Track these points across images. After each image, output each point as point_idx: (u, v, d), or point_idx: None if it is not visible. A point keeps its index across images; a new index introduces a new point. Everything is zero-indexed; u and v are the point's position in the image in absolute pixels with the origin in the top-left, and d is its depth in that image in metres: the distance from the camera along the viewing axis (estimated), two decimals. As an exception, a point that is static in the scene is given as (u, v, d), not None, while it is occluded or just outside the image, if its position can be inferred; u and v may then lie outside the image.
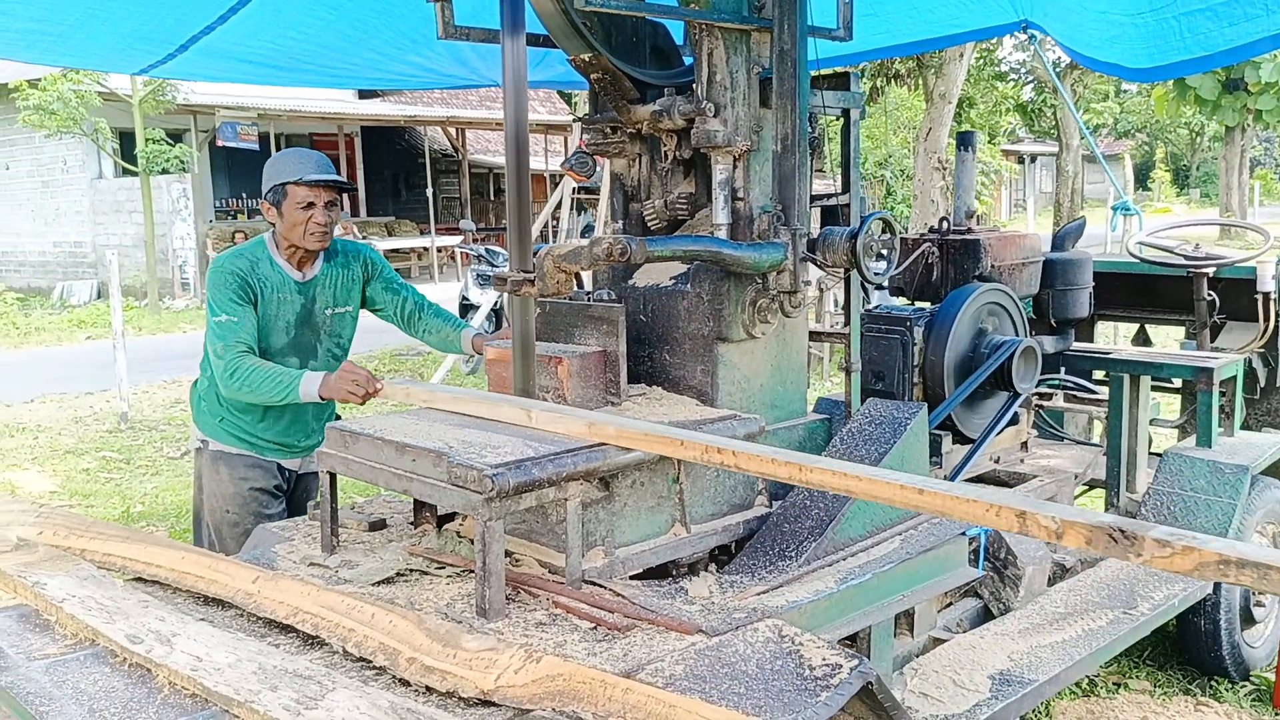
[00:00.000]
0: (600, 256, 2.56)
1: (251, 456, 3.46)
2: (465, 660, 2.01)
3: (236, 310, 3.25)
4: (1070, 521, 1.62)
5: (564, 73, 5.08)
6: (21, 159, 20.44)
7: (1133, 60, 4.74)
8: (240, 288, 3.28)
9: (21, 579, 2.49)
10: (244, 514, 3.45)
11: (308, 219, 3.29)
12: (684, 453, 2.32)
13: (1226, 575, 1.50)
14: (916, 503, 1.90)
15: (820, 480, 2.06)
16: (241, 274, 3.29)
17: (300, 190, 3.29)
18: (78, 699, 2.01)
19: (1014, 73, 30.28)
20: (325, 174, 3.33)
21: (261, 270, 3.34)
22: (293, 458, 3.55)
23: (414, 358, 11.76)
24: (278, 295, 3.35)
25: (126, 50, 4.88)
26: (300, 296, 3.40)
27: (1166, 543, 1.53)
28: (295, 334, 3.41)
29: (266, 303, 3.33)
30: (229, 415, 3.44)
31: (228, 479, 3.46)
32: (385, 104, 21.72)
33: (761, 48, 2.97)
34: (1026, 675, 3.08)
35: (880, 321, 3.72)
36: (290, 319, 3.39)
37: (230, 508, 3.46)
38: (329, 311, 3.47)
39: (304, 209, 3.29)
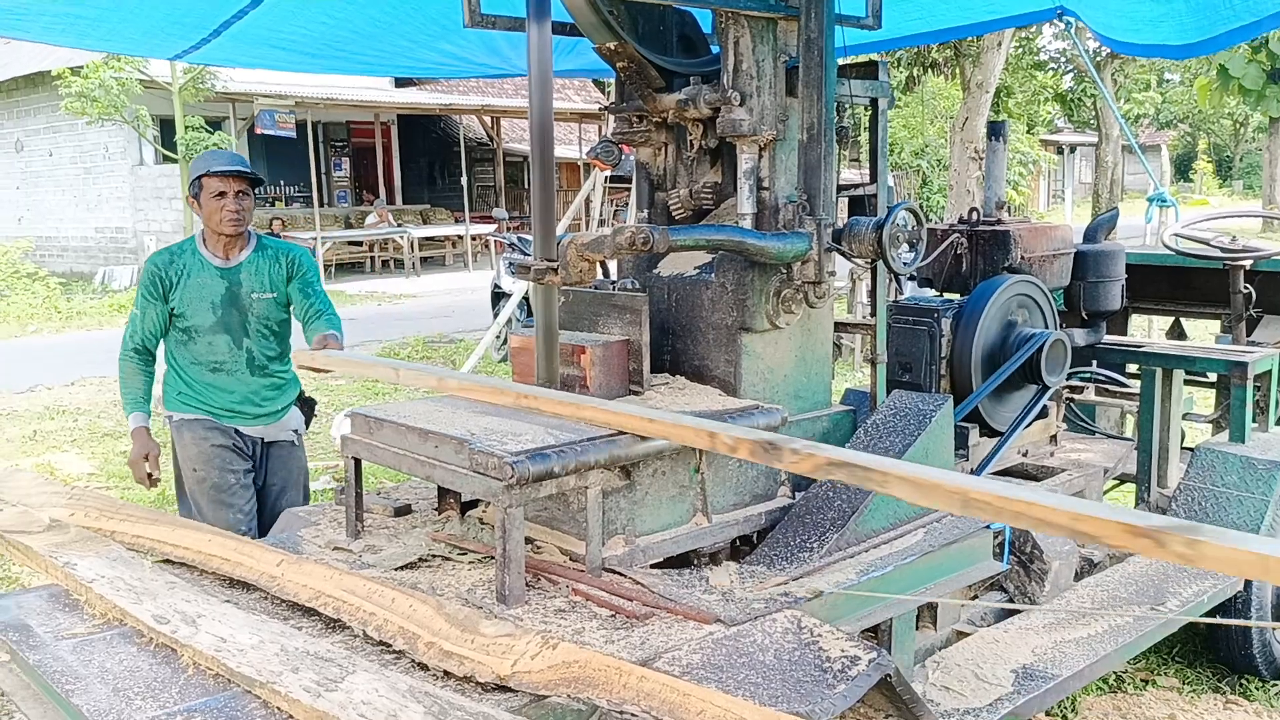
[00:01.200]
0: (623, 245, 2.56)
1: (209, 420, 3.77)
2: (483, 645, 2.03)
3: (141, 304, 3.72)
4: (741, 438, 2.23)
5: (592, 60, 5.07)
6: (64, 146, 20.74)
7: (1179, 37, 4.64)
8: (151, 283, 3.71)
9: (53, 559, 2.54)
10: (209, 469, 3.74)
11: (221, 206, 3.65)
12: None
13: (832, 474, 2.07)
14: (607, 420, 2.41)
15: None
16: (158, 269, 3.71)
17: (213, 181, 3.65)
18: (103, 677, 2.05)
19: (1053, 62, 29.85)
20: (232, 165, 3.70)
21: (181, 260, 3.73)
22: (250, 424, 3.83)
23: (446, 345, 11.84)
24: (198, 279, 3.72)
25: (161, 35, 4.92)
26: (223, 280, 3.74)
27: (796, 450, 2.11)
28: (222, 313, 3.74)
29: (185, 288, 3.71)
30: (185, 389, 3.79)
31: (191, 441, 3.76)
32: (421, 92, 21.80)
33: (788, 36, 2.95)
34: (1050, 670, 3.05)
35: (907, 313, 3.69)
36: (215, 300, 3.73)
37: (197, 465, 3.75)
38: (254, 295, 3.78)
39: (217, 198, 3.66)
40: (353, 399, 8.93)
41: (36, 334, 13.54)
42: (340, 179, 23.14)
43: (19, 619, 2.37)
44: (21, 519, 2.87)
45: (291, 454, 3.92)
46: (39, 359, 11.38)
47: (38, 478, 3.61)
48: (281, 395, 3.88)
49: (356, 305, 15.94)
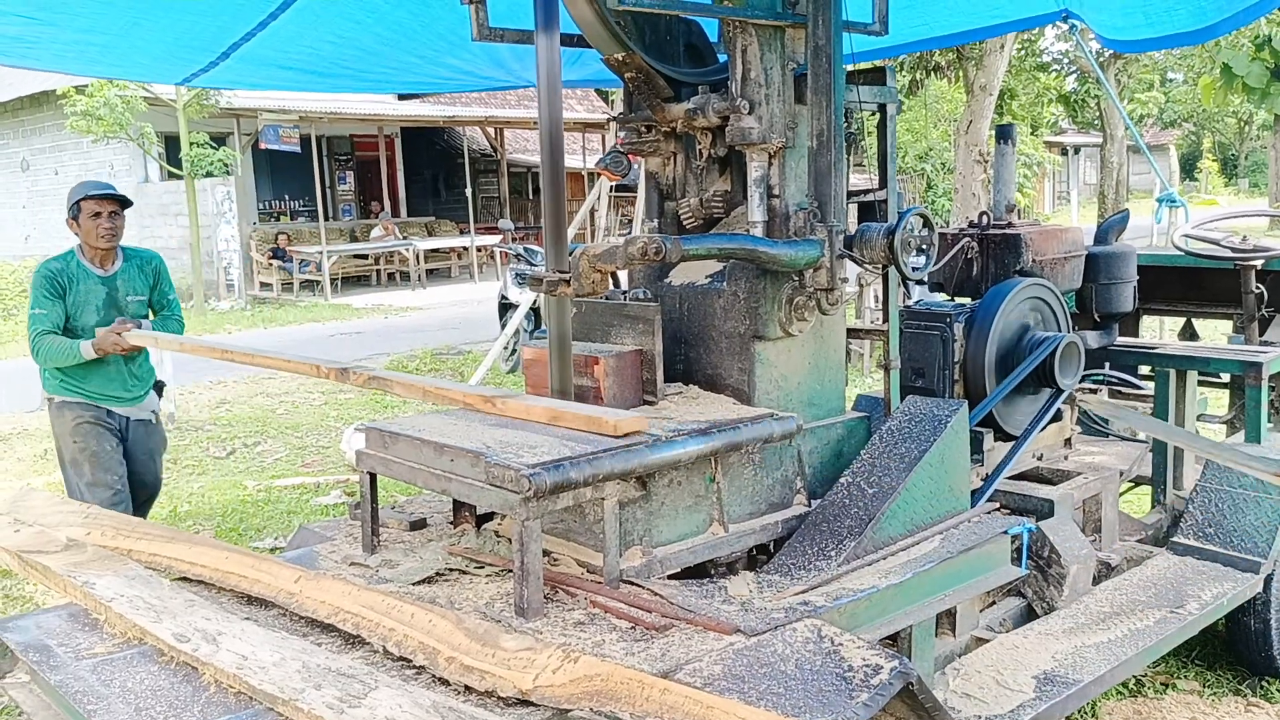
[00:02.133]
0: (635, 255, 2.56)
1: (84, 402, 4.40)
2: (504, 660, 2.02)
3: (45, 304, 4.27)
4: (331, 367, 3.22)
5: (598, 71, 5.08)
6: (70, 164, 20.82)
7: (1194, 21, 4.61)
8: (50, 286, 4.28)
9: (71, 578, 2.54)
10: (89, 440, 4.37)
11: (97, 225, 4.29)
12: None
13: (371, 385, 3.13)
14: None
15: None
16: (54, 274, 4.30)
17: (89, 204, 4.29)
18: (125, 697, 2.05)
19: (1056, 63, 29.82)
20: (104, 191, 4.35)
21: (71, 268, 4.34)
22: (119, 405, 4.48)
23: (454, 357, 11.84)
24: (84, 286, 4.34)
25: (169, 59, 4.95)
26: (104, 286, 4.38)
27: (357, 372, 3.21)
28: (104, 314, 4.35)
29: (75, 293, 4.32)
30: (65, 377, 4.38)
31: (71, 418, 4.39)
32: (424, 105, 21.83)
33: (796, 44, 2.95)
34: (1071, 675, 3.04)
35: (920, 318, 3.68)
36: (98, 303, 4.36)
37: (77, 438, 4.38)
38: (129, 298, 4.44)
39: (93, 218, 4.30)
40: (361, 413, 8.94)
41: (46, 353, 13.62)
42: (345, 193, 23.18)
43: (39, 639, 2.37)
44: (38, 539, 2.87)
45: (154, 429, 4.65)
46: (49, 378, 11.43)
47: (53, 497, 3.62)
48: (145, 381, 4.56)
49: (363, 318, 15.96)
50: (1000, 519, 3.12)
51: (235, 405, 9.52)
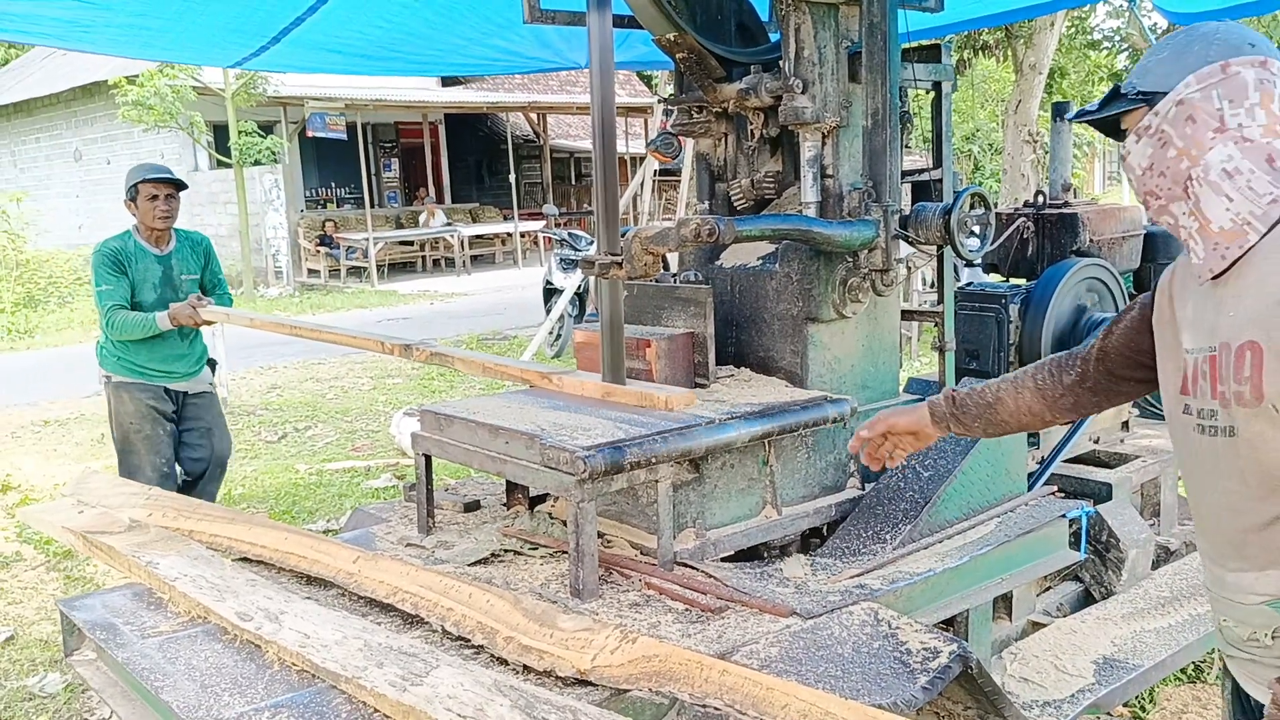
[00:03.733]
0: (689, 237, 2.54)
1: (142, 383, 4.52)
2: (562, 640, 2.03)
3: (111, 280, 4.38)
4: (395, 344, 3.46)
5: (645, 53, 5.07)
6: (121, 154, 21.14)
7: None
8: (114, 263, 4.40)
9: (135, 558, 2.59)
10: (144, 423, 4.50)
11: (154, 207, 4.43)
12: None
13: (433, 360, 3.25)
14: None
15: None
16: (113, 252, 4.42)
17: (146, 187, 4.43)
18: (190, 674, 2.08)
19: (1108, 41, 29.25)
20: (162, 174, 4.49)
21: (129, 248, 4.47)
22: (175, 381, 4.59)
23: (499, 342, 11.90)
24: (142, 265, 4.47)
25: (221, 43, 5.00)
26: (160, 265, 4.52)
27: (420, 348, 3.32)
28: (161, 292, 4.50)
29: (135, 271, 4.45)
30: (123, 355, 4.50)
31: (129, 400, 4.51)
32: (468, 91, 21.92)
33: (850, 21, 2.91)
34: (1130, 661, 2.99)
35: (974, 299, 3.63)
36: (155, 281, 4.49)
37: (134, 420, 4.52)
38: (183, 276, 4.58)
39: (150, 200, 4.43)
40: (409, 397, 9.01)
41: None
42: (390, 179, 23.33)
43: (105, 618, 2.42)
44: (102, 520, 2.93)
45: (212, 400, 4.79)
46: (104, 363, 11.65)
47: (113, 479, 3.69)
48: (199, 356, 4.69)
49: (409, 304, 16.08)
50: (1058, 502, 3.08)
51: (286, 390, 9.64)
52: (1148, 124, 1.62)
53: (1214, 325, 1.58)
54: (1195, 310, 1.63)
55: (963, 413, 2.13)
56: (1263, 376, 1.49)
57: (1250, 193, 1.53)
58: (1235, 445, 1.56)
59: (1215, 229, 1.56)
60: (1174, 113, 1.58)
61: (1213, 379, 1.58)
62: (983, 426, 2.15)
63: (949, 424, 2.16)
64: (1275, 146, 1.54)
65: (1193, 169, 1.57)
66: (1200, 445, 1.63)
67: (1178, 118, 1.58)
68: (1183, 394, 1.65)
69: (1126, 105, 1.66)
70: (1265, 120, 1.55)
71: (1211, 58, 1.58)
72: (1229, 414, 1.55)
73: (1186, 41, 1.63)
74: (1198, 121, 1.57)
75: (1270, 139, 1.54)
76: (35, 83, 22.71)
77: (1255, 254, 1.53)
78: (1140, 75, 1.66)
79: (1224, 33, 1.61)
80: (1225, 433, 1.57)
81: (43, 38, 5.10)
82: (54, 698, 3.86)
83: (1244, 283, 1.54)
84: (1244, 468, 1.56)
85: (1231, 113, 1.55)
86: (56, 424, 8.73)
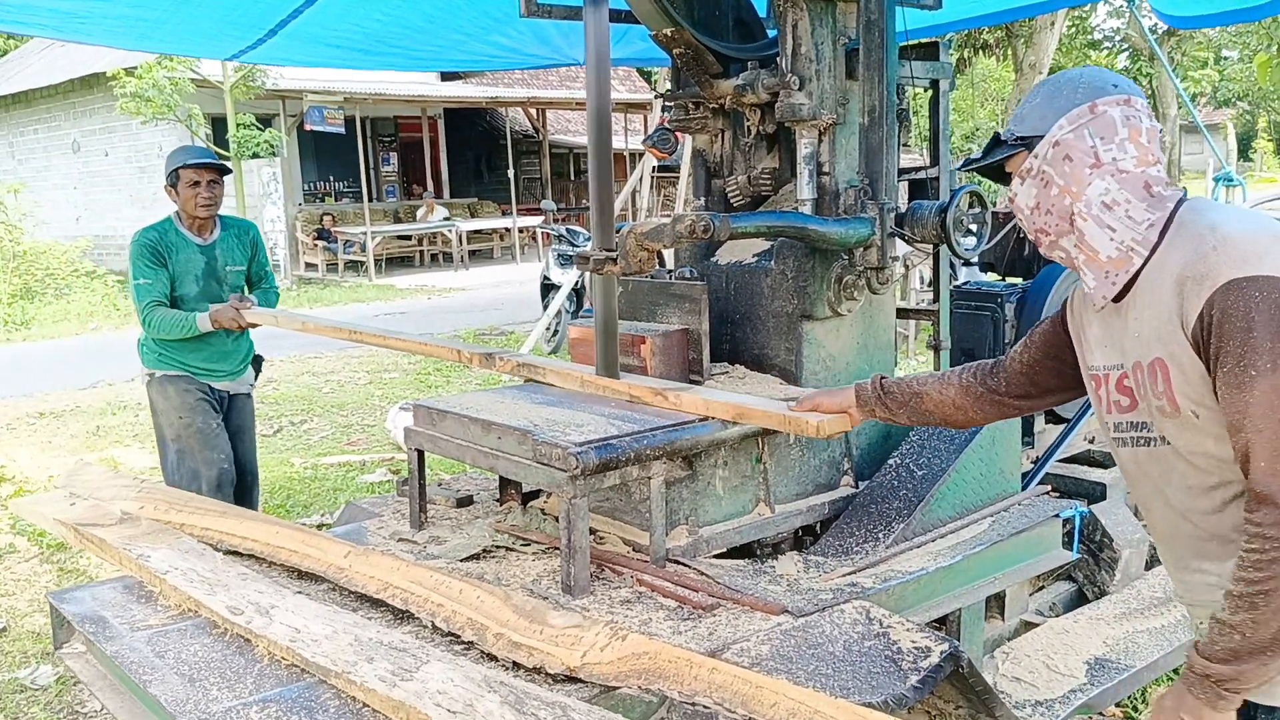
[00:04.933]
0: (683, 234, 2.53)
1: (187, 376, 4.24)
2: (552, 636, 2.02)
3: (150, 274, 4.09)
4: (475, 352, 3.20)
5: (644, 49, 5.05)
6: (119, 146, 21.10)
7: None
8: (152, 255, 4.10)
9: (126, 551, 2.58)
10: (194, 415, 4.21)
11: (195, 194, 4.13)
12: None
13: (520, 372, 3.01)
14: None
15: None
16: (152, 243, 4.12)
17: (188, 173, 4.13)
18: (179, 668, 2.08)
19: (1108, 41, 29.26)
20: (203, 159, 4.20)
21: (169, 238, 4.17)
22: (219, 380, 4.32)
23: (497, 337, 11.89)
24: (184, 255, 4.18)
25: (218, 36, 4.98)
26: (203, 256, 4.22)
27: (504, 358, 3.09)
28: (203, 285, 4.22)
29: (175, 262, 4.15)
30: (165, 351, 4.22)
31: (174, 392, 4.22)
32: (467, 86, 21.89)
33: (848, 18, 2.91)
34: (1123, 661, 2.99)
35: (970, 298, 3.63)
36: (198, 273, 4.20)
37: (183, 413, 4.22)
38: (228, 268, 4.30)
39: (192, 187, 4.13)
40: (405, 392, 9.00)
41: (96, 331, 13.82)
42: (389, 174, 23.30)
43: (95, 610, 2.41)
44: (94, 512, 2.92)
45: (248, 403, 4.50)
46: (100, 355, 11.61)
47: (106, 471, 3.68)
48: (245, 353, 4.39)
49: (407, 299, 16.06)
50: (1051, 502, 3.07)
51: (282, 384, 9.62)
52: (1029, 166, 1.74)
53: (1121, 345, 1.71)
54: (1101, 330, 1.76)
55: (889, 398, 2.26)
56: (1173, 389, 1.60)
57: (1130, 221, 1.66)
58: (1173, 452, 1.66)
59: (1104, 258, 1.69)
60: (1051, 153, 1.71)
61: (1132, 396, 1.70)
62: (907, 414, 2.26)
63: (874, 408, 2.29)
64: (1150, 174, 1.67)
65: (1075, 204, 1.69)
66: (1140, 457, 1.73)
67: (1055, 157, 1.70)
68: (1106, 414, 1.78)
69: (1008, 151, 1.78)
70: (1136, 152, 1.67)
71: (1079, 100, 1.70)
72: (1158, 425, 1.67)
73: (1055, 87, 1.75)
74: (1074, 160, 1.69)
75: (1144, 168, 1.67)
76: (34, 74, 22.65)
77: (1144, 277, 1.65)
78: (1017, 122, 1.78)
79: (1088, 77, 1.74)
80: (1160, 442, 1.68)
81: (39, 28, 5.08)
82: (45, 690, 3.85)
83: (1142, 302, 1.65)
84: (1184, 470, 1.66)
85: (1104, 148, 1.67)
86: (52, 416, 8.71)
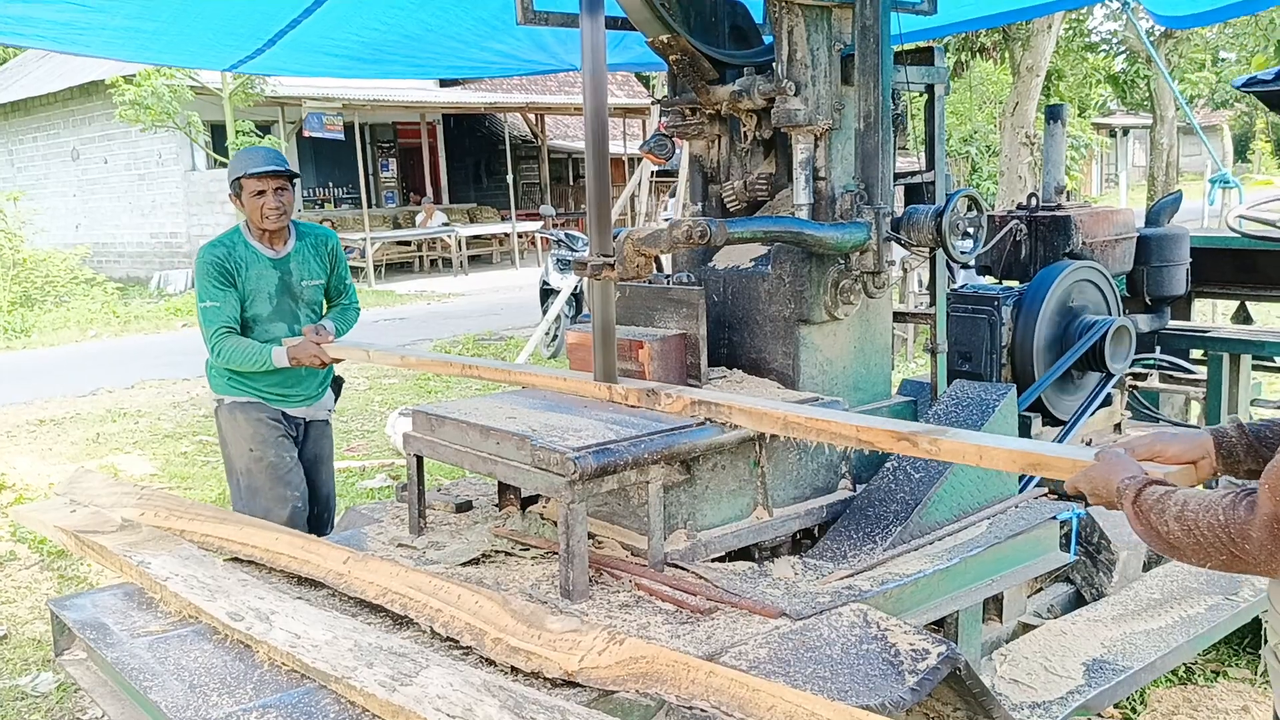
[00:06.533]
0: (680, 239, 2.55)
1: (259, 403, 3.87)
2: (550, 641, 2.03)
3: (218, 295, 3.72)
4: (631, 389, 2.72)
5: (641, 54, 5.07)
6: (119, 153, 21.14)
7: None
8: (220, 274, 3.73)
9: (127, 558, 2.59)
10: (266, 449, 3.84)
11: (261, 204, 3.74)
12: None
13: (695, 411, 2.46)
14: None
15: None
16: (219, 260, 3.74)
17: (251, 182, 3.74)
18: (179, 674, 2.09)
19: (1105, 43, 29.27)
20: (268, 165, 3.76)
21: (238, 253, 3.78)
22: (294, 406, 3.96)
23: (495, 343, 11.90)
24: (254, 271, 3.79)
25: (217, 47, 4.99)
26: (276, 270, 3.84)
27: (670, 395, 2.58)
28: (277, 302, 3.84)
29: (246, 279, 3.77)
30: (234, 376, 3.86)
31: (244, 421, 3.85)
32: (466, 91, 21.92)
33: (843, 24, 2.92)
34: (1121, 662, 3.00)
35: (967, 301, 3.64)
36: (271, 290, 3.82)
37: (254, 445, 3.84)
38: (304, 283, 3.91)
39: (256, 196, 3.74)
40: (405, 397, 9.01)
41: (96, 339, 13.84)
42: (388, 179, 23.33)
43: (95, 617, 2.42)
44: (94, 519, 2.93)
45: (327, 430, 4.12)
46: (99, 363, 11.63)
47: (106, 479, 3.69)
48: (324, 376, 4.03)
49: (406, 304, 16.08)
50: (1049, 504, 3.08)
51: (281, 390, 9.64)
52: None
53: None
54: None
55: (1265, 446, 1.74)
56: None
57: None
58: None
59: None
60: None
61: None
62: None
63: (1242, 459, 1.79)
64: None
65: None
66: None
67: None
68: None
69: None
70: None
71: None
72: None
73: None
74: None
75: None
76: (33, 82, 22.70)
77: None
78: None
79: None
80: None
81: (38, 40, 5.09)
82: (46, 697, 3.86)
83: None
84: None
85: None
86: (52, 423, 8.72)
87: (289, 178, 3.80)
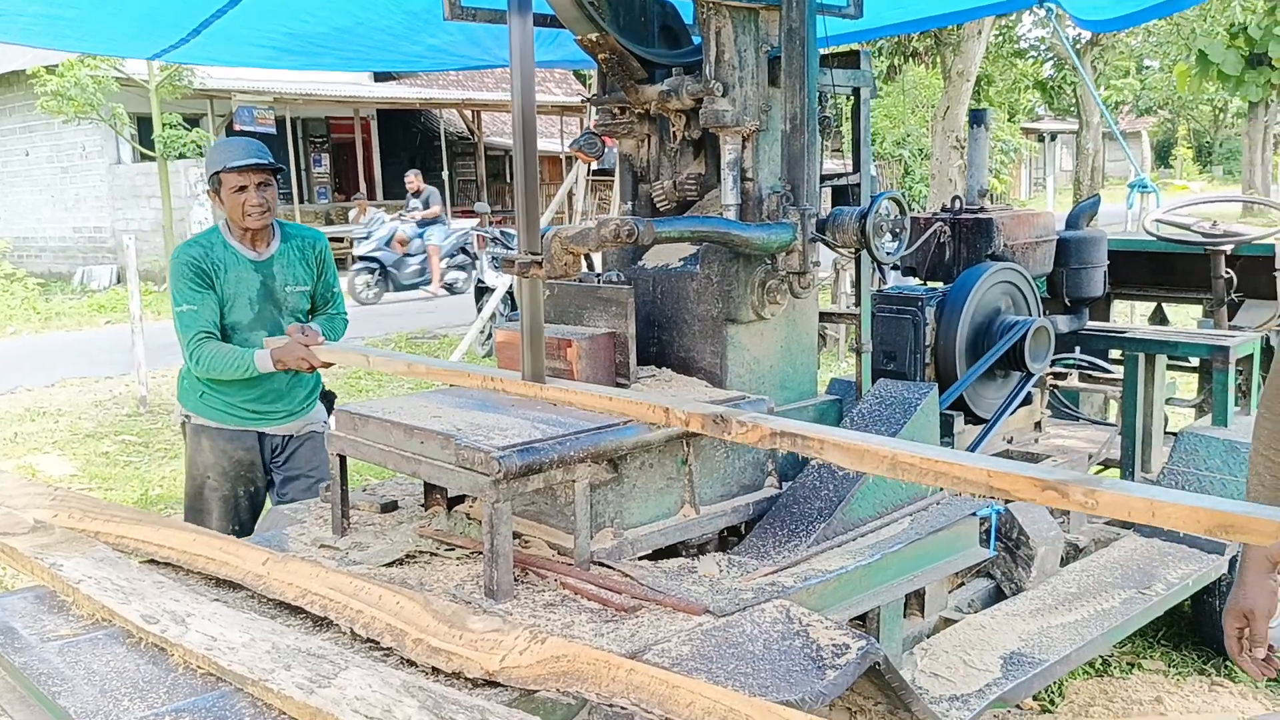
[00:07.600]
0: (608, 238, 2.55)
1: (229, 430, 3.65)
2: (471, 641, 2.02)
3: (195, 298, 3.47)
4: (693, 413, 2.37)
5: (574, 52, 5.05)
6: (41, 145, 20.55)
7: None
8: (196, 275, 3.49)
9: (38, 560, 2.52)
10: (223, 482, 3.67)
11: (242, 201, 3.50)
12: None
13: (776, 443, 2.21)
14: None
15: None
16: (195, 261, 3.50)
17: (231, 176, 3.49)
18: (90, 679, 2.04)
19: (1033, 50, 29.94)
20: (250, 159, 3.50)
21: (216, 253, 3.54)
22: (274, 424, 3.72)
23: (429, 341, 11.80)
24: (234, 274, 3.55)
25: (139, 35, 4.89)
26: (258, 274, 3.59)
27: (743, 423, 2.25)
28: (259, 309, 3.59)
29: (224, 283, 3.53)
30: (208, 391, 3.63)
31: (209, 450, 3.66)
32: (401, 87, 21.71)
33: (770, 26, 2.95)
34: (1037, 655, 3.07)
35: (891, 301, 3.70)
36: (252, 295, 3.57)
37: (211, 475, 3.67)
38: (288, 289, 3.66)
39: (237, 192, 3.50)
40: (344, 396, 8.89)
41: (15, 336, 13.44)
42: (320, 175, 23.00)
43: (3, 621, 2.35)
44: (5, 520, 2.85)
45: (312, 445, 3.78)
46: (18, 361, 11.30)
47: (20, 479, 3.58)
48: (310, 389, 3.77)
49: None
50: (969, 501, 3.14)
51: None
52: None
53: None
54: None
55: None
56: None
57: None
58: None
59: None
60: None
61: None
62: None
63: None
64: None
65: None
66: None
67: None
68: None
69: None
70: None
71: None
72: None
73: None
74: None
75: None
76: (-51, 70, 21.95)
77: None
78: None
79: None
80: None
81: (-50, 25, 4.93)
82: (-44, 705, 3.74)
83: None
84: None
85: None
86: (-33, 423, 8.46)
87: (272, 172, 3.56)
